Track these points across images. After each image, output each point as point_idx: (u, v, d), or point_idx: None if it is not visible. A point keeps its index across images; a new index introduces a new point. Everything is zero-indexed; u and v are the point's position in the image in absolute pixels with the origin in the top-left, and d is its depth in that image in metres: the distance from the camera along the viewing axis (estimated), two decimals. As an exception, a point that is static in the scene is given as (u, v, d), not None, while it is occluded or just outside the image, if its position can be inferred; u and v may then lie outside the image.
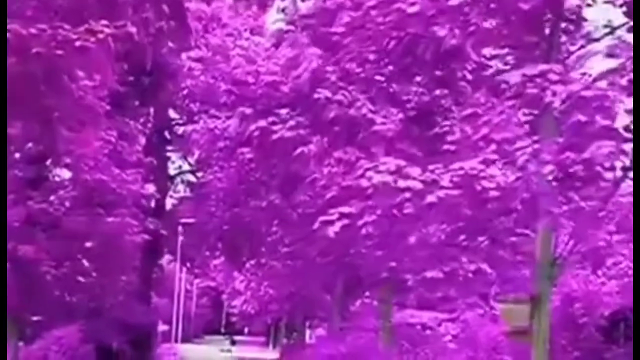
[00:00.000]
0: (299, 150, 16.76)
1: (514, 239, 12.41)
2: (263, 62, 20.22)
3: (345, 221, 11.35)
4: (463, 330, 21.88)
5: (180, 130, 36.21)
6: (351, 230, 11.58)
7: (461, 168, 10.17)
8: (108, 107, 20.69)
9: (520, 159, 10.46)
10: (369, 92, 14.77)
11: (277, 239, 27.85)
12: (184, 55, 30.84)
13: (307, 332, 34.10)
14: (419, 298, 29.36)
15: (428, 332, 20.79)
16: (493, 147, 10.52)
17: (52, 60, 11.82)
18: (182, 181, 38.61)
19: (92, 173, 19.82)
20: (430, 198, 10.30)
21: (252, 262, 38.44)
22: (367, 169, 11.11)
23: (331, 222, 11.59)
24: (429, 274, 11.96)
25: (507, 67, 15.25)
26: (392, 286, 18.06)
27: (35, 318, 24.90)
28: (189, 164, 38.38)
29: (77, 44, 11.62)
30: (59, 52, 11.62)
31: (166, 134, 36.06)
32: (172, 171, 37.98)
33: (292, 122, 17.07)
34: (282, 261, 31.01)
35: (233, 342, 60.02)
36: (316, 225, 12.47)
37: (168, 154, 37.01)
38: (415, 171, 10.61)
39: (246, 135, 18.68)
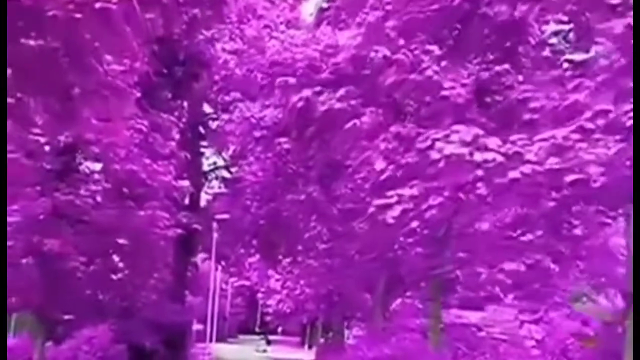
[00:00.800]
0: (349, 124, 14.38)
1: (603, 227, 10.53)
2: (301, 48, 18.53)
3: (406, 205, 9.55)
4: (550, 333, 19.38)
5: (214, 124, 34.82)
6: (412, 214, 9.77)
7: (553, 137, 8.32)
8: (138, 94, 19.46)
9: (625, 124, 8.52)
10: (434, 51, 12.59)
11: (315, 234, 26.18)
12: (218, 46, 29.48)
13: (345, 332, 32.30)
14: (461, 298, 27.48)
15: (483, 333, 18.80)
16: (588, 114, 8.64)
17: (71, 26, 10.23)
18: (217, 177, 37.14)
19: (123, 163, 18.36)
20: (513, 174, 8.46)
21: (288, 259, 36.91)
22: (436, 140, 9.23)
23: (389, 206, 9.78)
24: (508, 267, 10.21)
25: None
26: (440, 283, 16.18)
27: (66, 317, 23.65)
28: (224, 159, 36.96)
29: (97, 5, 10.03)
30: (78, 15, 10.03)
31: (200, 129, 34.68)
32: (206, 167, 36.56)
33: (341, 91, 15.04)
34: (320, 259, 29.31)
35: (268, 342, 58.36)
36: (371, 210, 10.71)
37: (202, 149, 35.61)
38: (494, 142, 8.77)
39: (287, 112, 16.77)
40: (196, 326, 44.64)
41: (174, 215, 20.04)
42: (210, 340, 37.17)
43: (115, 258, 20.14)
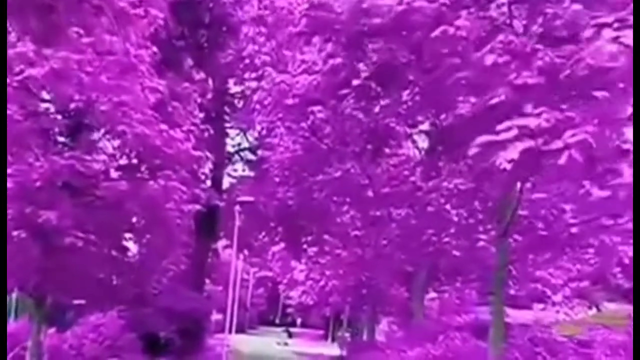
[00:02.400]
0: (439, 30, 10.60)
1: None
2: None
3: (530, 142, 6.51)
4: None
5: (240, 104, 32.12)
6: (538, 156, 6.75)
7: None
8: (154, 49, 16.73)
9: None
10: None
11: (347, 220, 23.36)
12: (246, 16, 26.69)
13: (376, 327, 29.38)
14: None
15: (559, 337, 15.78)
16: None
17: None
18: (242, 159, 34.45)
19: (134, 127, 15.52)
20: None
21: (315, 249, 34.12)
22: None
23: (502, 145, 6.72)
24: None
25: None
26: (503, 276, 13.20)
27: (72, 302, 21.03)
28: (249, 141, 34.28)
29: None
30: None
31: (224, 108, 32.00)
32: (230, 148, 33.87)
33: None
34: (351, 247, 26.48)
35: (290, 335, 55.40)
36: (472, 152, 7.72)
37: (226, 130, 32.92)
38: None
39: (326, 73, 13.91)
40: (215, 316, 42.13)
41: (192, 190, 17.21)
42: (230, 331, 34.51)
43: (126, 236, 17.38)
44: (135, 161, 17.48)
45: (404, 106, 14.15)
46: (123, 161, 16.87)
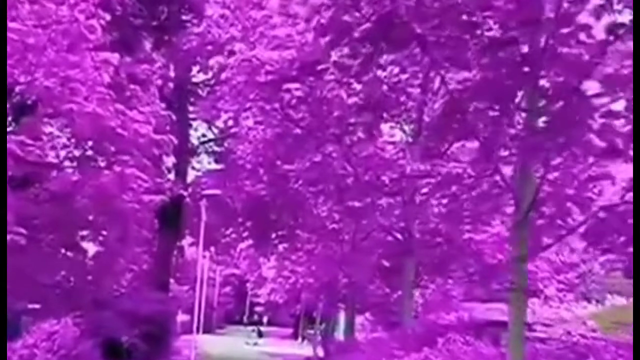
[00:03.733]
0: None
1: None
2: None
3: None
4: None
5: (204, 92, 29.76)
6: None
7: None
8: (108, 17, 14.42)
9: None
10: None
11: (324, 212, 21.33)
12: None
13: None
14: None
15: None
16: None
17: None
18: (206, 151, 32.04)
19: (83, 105, 13.20)
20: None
21: (285, 245, 32.02)
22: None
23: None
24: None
25: None
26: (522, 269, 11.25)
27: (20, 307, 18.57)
28: (214, 133, 31.90)
29: None
30: None
31: (188, 97, 29.60)
32: (194, 140, 31.45)
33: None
34: (326, 242, 24.42)
35: (260, 335, 52.94)
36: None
37: (190, 121, 30.50)
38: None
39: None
40: (181, 317, 39.69)
41: (152, 178, 14.92)
42: (197, 332, 32.25)
43: (79, 233, 15.07)
44: (86, 147, 15.20)
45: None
46: (72, 147, 14.51)
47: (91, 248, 17.34)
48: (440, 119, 13.00)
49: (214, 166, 31.75)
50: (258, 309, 63.79)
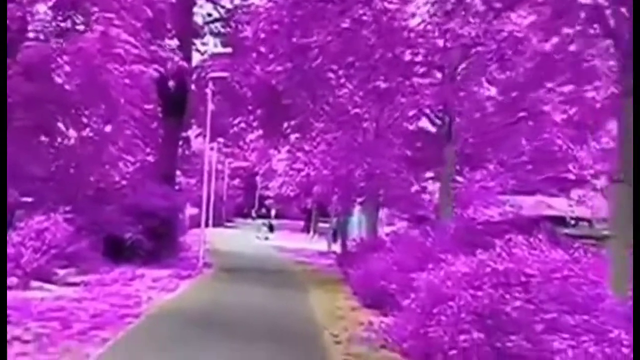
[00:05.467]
0: None
1: None
2: None
3: None
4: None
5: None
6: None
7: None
8: None
9: None
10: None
11: (347, 93, 18.46)
12: None
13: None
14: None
15: None
16: None
17: None
18: (212, 33, 28.74)
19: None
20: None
21: (298, 135, 29.40)
22: None
23: None
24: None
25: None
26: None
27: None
28: (220, 12, 28.53)
29: None
30: None
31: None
32: (198, 19, 28.13)
33: None
34: (347, 129, 21.66)
35: (271, 228, 50.95)
36: None
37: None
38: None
39: None
40: (190, 210, 37.65)
41: (145, 46, 11.97)
42: (207, 225, 30.26)
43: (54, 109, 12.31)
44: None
45: None
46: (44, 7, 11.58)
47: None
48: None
49: (220, 49, 28.62)
50: (268, 202, 61.77)
